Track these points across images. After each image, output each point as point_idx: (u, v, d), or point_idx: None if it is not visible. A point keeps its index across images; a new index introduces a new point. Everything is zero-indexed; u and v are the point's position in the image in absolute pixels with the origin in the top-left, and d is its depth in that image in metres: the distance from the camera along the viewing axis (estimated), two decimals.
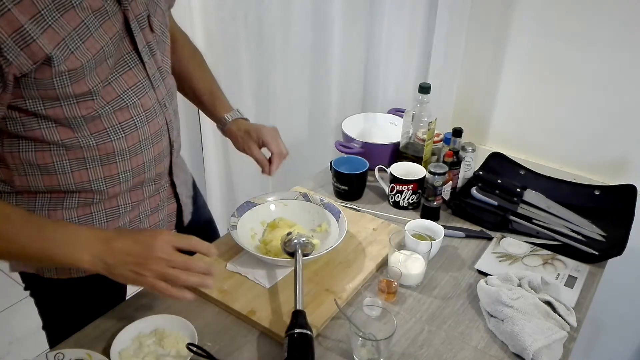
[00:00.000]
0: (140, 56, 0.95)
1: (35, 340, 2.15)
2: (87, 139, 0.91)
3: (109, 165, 0.96)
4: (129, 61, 0.94)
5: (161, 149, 1.04)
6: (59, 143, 0.90)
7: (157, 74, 1.00)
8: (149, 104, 0.98)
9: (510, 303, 1.02)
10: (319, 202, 1.31)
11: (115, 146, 0.94)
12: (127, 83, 0.93)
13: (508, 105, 1.74)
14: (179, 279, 0.86)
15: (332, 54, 1.87)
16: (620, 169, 1.59)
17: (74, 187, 0.95)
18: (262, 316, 1.05)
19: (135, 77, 0.95)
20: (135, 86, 0.95)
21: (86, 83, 0.86)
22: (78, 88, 0.85)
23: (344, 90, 1.96)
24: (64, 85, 0.83)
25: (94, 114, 0.90)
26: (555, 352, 0.98)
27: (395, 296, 1.13)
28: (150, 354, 0.96)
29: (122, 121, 0.94)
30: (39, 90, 0.83)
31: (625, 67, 1.49)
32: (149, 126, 0.99)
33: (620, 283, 1.55)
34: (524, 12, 1.60)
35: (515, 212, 1.37)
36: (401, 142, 1.53)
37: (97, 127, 0.91)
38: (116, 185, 0.99)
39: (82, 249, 0.84)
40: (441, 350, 1.01)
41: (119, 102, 0.92)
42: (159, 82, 1.00)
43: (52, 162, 0.92)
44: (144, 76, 0.96)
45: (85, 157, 0.93)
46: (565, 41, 1.55)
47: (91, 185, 0.96)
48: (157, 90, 1.00)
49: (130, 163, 0.98)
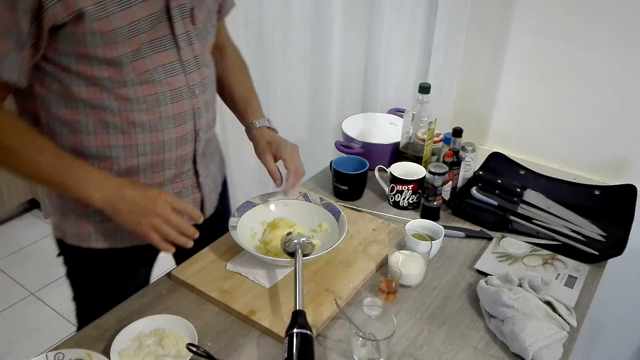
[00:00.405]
0: (176, 41, 1.00)
1: (36, 340, 2.15)
2: (112, 103, 0.97)
3: (129, 135, 1.00)
4: (165, 43, 0.99)
5: (184, 133, 1.06)
6: (85, 101, 0.96)
7: (191, 62, 1.04)
8: (176, 85, 1.02)
9: (511, 303, 1.02)
10: (319, 202, 1.31)
11: (136, 117, 0.99)
12: (159, 61, 0.98)
13: (508, 105, 1.74)
14: (169, 235, 0.99)
15: (332, 54, 1.87)
16: (620, 169, 1.59)
17: (95, 151, 1.01)
18: (262, 316, 1.05)
19: (168, 58, 1.00)
20: (166, 66, 1.00)
21: (117, 49, 0.91)
22: (109, 52, 0.91)
23: (344, 90, 1.96)
24: (95, 46, 0.89)
25: (121, 80, 0.95)
26: (555, 352, 0.98)
27: (395, 296, 1.13)
28: (150, 354, 0.96)
29: (147, 94, 0.98)
30: (74, 45, 0.89)
31: (625, 67, 1.49)
32: (173, 106, 1.02)
33: (620, 283, 1.55)
34: (524, 12, 1.60)
35: (515, 212, 1.37)
36: (401, 142, 1.54)
37: (122, 95, 0.96)
38: (134, 157, 1.03)
39: (96, 189, 0.95)
40: (441, 350, 1.01)
41: (146, 76, 0.97)
42: (193, 70, 1.04)
43: (79, 121, 0.98)
44: (176, 59, 1.01)
45: (108, 122, 0.98)
46: (565, 41, 1.55)
47: (111, 152, 1.01)
48: (188, 75, 1.04)
49: (150, 138, 1.02)
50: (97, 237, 1.10)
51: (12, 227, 2.82)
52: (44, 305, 2.33)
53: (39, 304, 2.34)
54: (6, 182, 2.67)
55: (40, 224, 2.84)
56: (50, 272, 2.50)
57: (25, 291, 2.40)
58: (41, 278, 2.46)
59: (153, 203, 0.98)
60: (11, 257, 2.61)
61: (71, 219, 1.09)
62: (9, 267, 2.54)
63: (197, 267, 1.17)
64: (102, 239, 1.11)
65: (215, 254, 1.21)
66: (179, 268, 1.17)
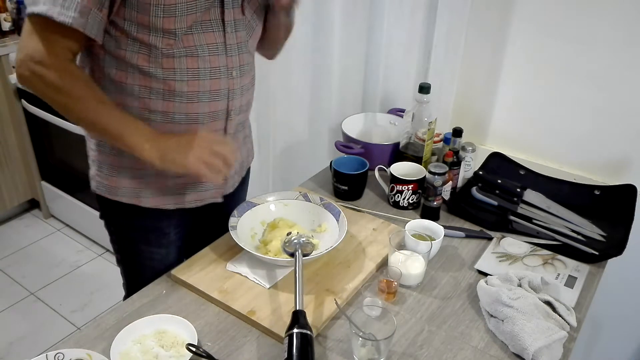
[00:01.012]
0: (224, 26, 1.10)
1: (36, 340, 2.15)
2: (158, 71, 1.06)
3: (168, 102, 1.09)
4: (214, 26, 1.09)
5: (217, 109, 1.15)
6: (135, 67, 1.05)
7: (234, 46, 1.13)
8: (216, 63, 1.11)
9: (510, 303, 1.02)
10: (319, 202, 1.31)
11: (177, 86, 1.08)
12: (205, 39, 1.08)
13: (508, 105, 1.74)
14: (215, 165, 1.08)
15: (332, 54, 1.87)
16: (620, 169, 1.59)
17: (136, 112, 1.10)
18: (262, 316, 1.05)
19: (214, 39, 1.09)
20: (211, 45, 1.09)
21: (174, 23, 1.01)
22: (167, 24, 1.01)
23: (344, 90, 1.96)
24: (157, 16, 1.00)
25: (170, 51, 1.05)
26: (555, 352, 0.98)
27: (395, 296, 1.13)
28: (150, 354, 0.96)
29: (190, 68, 1.08)
30: (138, 13, 0.99)
31: (626, 66, 1.49)
32: (211, 83, 1.11)
33: (620, 283, 1.55)
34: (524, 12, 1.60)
35: (515, 212, 1.37)
36: (401, 142, 1.54)
37: (169, 64, 1.06)
38: (169, 123, 1.11)
39: (146, 141, 1.05)
40: (441, 350, 1.01)
41: (192, 50, 1.07)
42: (234, 53, 1.14)
43: (126, 83, 1.08)
44: (221, 41, 1.10)
45: (152, 88, 1.08)
46: (565, 41, 1.55)
47: (150, 115, 1.10)
48: (229, 58, 1.13)
49: (186, 107, 1.11)
50: (124, 192, 1.19)
51: (12, 227, 2.82)
52: (44, 305, 2.33)
53: (39, 304, 2.34)
54: (6, 182, 2.67)
55: (40, 224, 2.84)
56: (50, 272, 2.50)
57: (25, 291, 2.40)
58: (41, 278, 2.46)
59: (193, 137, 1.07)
60: (11, 257, 2.61)
61: (104, 171, 1.19)
62: (9, 267, 2.54)
63: (197, 267, 1.17)
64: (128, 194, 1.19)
65: (215, 254, 1.21)
66: (179, 268, 1.18)
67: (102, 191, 1.21)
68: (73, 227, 2.78)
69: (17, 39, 2.51)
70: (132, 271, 1.34)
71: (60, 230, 2.79)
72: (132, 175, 1.17)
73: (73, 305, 2.30)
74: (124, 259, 1.34)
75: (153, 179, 1.18)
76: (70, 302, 2.32)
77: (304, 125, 2.05)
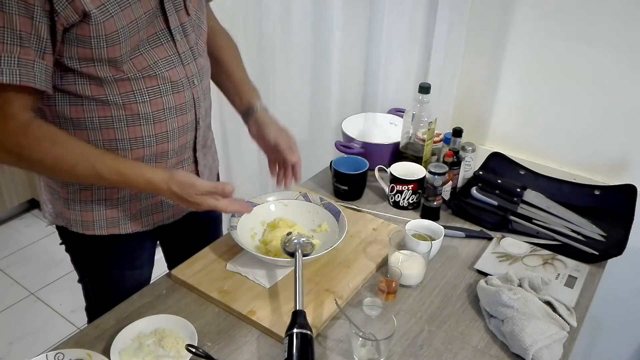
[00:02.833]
0: (172, 35, 1.03)
1: (36, 340, 2.15)
2: (116, 97, 0.99)
3: (134, 127, 1.03)
4: (162, 37, 1.02)
5: (186, 122, 1.10)
6: (90, 98, 0.99)
7: (188, 53, 1.07)
8: (176, 77, 1.05)
9: (511, 303, 1.02)
10: (319, 202, 1.31)
11: (140, 109, 1.02)
12: (157, 55, 1.02)
13: (508, 105, 1.74)
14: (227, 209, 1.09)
15: (332, 54, 1.87)
16: (620, 169, 1.59)
17: (101, 145, 1.04)
18: (262, 316, 1.05)
19: (166, 52, 1.03)
20: (164, 59, 1.03)
21: (120, 49, 0.95)
22: (112, 52, 0.94)
23: (344, 90, 1.96)
24: (100, 47, 0.93)
25: (124, 76, 0.98)
26: (555, 352, 0.98)
27: (395, 296, 1.13)
28: (150, 354, 0.96)
29: (149, 87, 1.02)
30: (79, 47, 0.92)
31: (626, 66, 1.49)
32: (174, 97, 1.06)
33: (620, 283, 1.55)
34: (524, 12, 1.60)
35: (515, 212, 1.37)
36: (401, 142, 1.53)
37: (126, 88, 1.00)
38: (140, 149, 1.06)
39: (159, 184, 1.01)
40: (441, 350, 1.01)
41: (148, 70, 1.01)
42: (190, 60, 1.08)
43: (84, 118, 1.01)
44: (173, 52, 1.04)
45: (113, 116, 1.01)
46: (565, 41, 1.55)
47: (117, 145, 1.04)
48: (187, 67, 1.07)
49: (154, 129, 1.05)
50: (101, 225, 1.14)
51: (12, 227, 2.82)
52: (44, 305, 2.33)
53: (39, 304, 2.34)
54: (6, 182, 2.67)
55: (40, 224, 2.84)
56: (50, 272, 2.50)
57: (25, 291, 2.40)
58: (41, 278, 2.46)
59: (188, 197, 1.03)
60: (11, 257, 2.61)
61: (75, 208, 1.13)
62: (9, 267, 2.54)
63: (197, 267, 1.17)
64: (105, 227, 1.15)
65: (215, 254, 1.21)
66: (179, 268, 1.17)
67: (75, 228, 1.15)
68: None
69: None
70: (98, 291, 1.28)
71: None
72: (108, 205, 1.12)
73: (73, 305, 2.30)
74: (90, 280, 1.28)
75: (129, 204, 1.14)
76: (70, 302, 2.32)
77: (304, 126, 2.05)
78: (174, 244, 1.37)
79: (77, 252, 1.23)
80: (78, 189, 1.10)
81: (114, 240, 1.17)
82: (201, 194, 1.03)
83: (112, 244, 1.18)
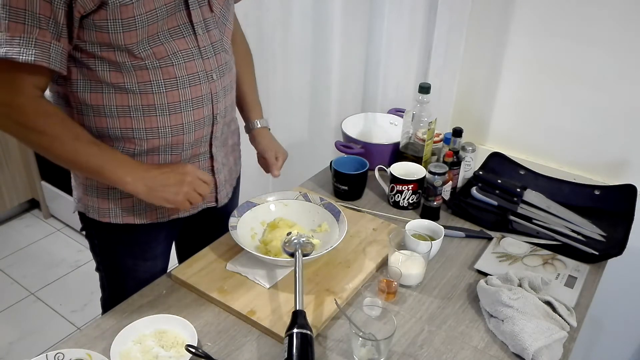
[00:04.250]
0: (194, 29, 1.05)
1: (36, 340, 2.15)
2: (133, 86, 1.02)
3: (149, 117, 1.06)
4: (184, 30, 1.04)
5: (202, 116, 1.12)
6: (109, 85, 1.02)
7: (209, 47, 1.09)
8: (194, 69, 1.07)
9: (510, 303, 1.02)
10: (319, 202, 1.31)
11: (156, 99, 1.05)
12: (177, 47, 1.04)
13: (508, 105, 1.73)
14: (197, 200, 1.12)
15: (332, 54, 1.87)
16: (620, 169, 1.59)
17: (119, 133, 1.07)
18: (262, 316, 1.05)
19: (186, 44, 1.05)
20: (184, 51, 1.05)
21: (136, 35, 0.97)
22: (128, 38, 0.97)
23: (344, 90, 1.96)
24: (116, 32, 0.95)
25: (142, 64, 1.01)
26: (555, 352, 0.98)
27: (395, 296, 1.13)
28: (150, 354, 0.96)
29: (166, 78, 1.04)
30: (97, 32, 0.96)
31: (626, 66, 1.49)
32: (191, 90, 1.08)
33: (620, 283, 1.55)
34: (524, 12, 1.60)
35: (515, 212, 1.37)
36: (401, 142, 1.53)
37: (144, 78, 1.03)
38: (155, 139, 1.09)
39: (127, 174, 1.04)
40: (441, 350, 1.01)
41: (166, 60, 1.03)
42: (210, 55, 1.10)
43: (103, 105, 1.04)
44: (194, 45, 1.06)
45: (130, 105, 1.04)
46: (566, 41, 1.55)
47: (133, 134, 1.07)
48: (206, 61, 1.09)
49: (170, 120, 1.08)
50: (116, 213, 1.17)
51: (12, 227, 2.82)
52: (44, 305, 2.33)
53: (39, 304, 2.34)
54: (6, 182, 2.67)
55: (40, 224, 2.84)
56: (50, 272, 2.50)
57: (25, 291, 2.40)
58: (41, 278, 2.46)
59: (183, 175, 1.09)
60: (11, 257, 2.61)
61: (92, 194, 1.16)
62: (9, 267, 2.54)
63: (197, 267, 1.17)
64: (120, 215, 1.17)
65: (215, 254, 1.21)
66: (179, 268, 1.17)
67: (92, 214, 1.18)
68: (73, 227, 2.78)
69: None
70: (113, 280, 1.31)
71: (60, 230, 2.79)
72: (124, 194, 1.15)
73: (73, 305, 2.30)
74: (105, 268, 1.31)
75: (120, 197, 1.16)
76: (70, 302, 2.32)
77: (304, 126, 2.05)
78: (189, 238, 1.37)
79: (93, 238, 1.26)
80: None
81: (129, 230, 1.19)
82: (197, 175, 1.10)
83: (127, 233, 1.21)
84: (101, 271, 1.32)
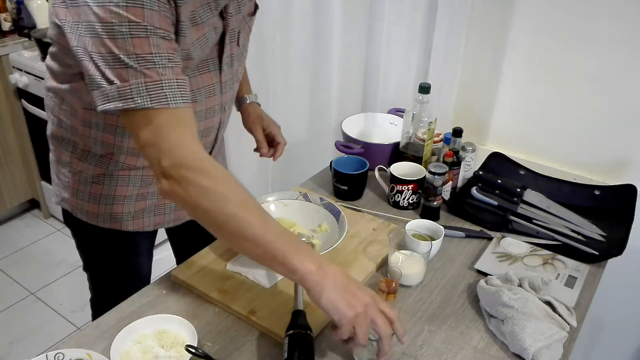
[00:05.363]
0: (220, 64, 1.06)
1: (36, 340, 2.15)
2: None
3: None
4: (210, 65, 1.04)
5: (205, 143, 1.15)
6: None
7: (229, 82, 1.11)
8: (212, 104, 1.08)
9: (511, 303, 1.02)
10: (319, 202, 1.31)
11: None
12: (202, 82, 1.04)
13: (508, 105, 1.74)
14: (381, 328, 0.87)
15: (332, 54, 1.87)
16: (620, 169, 1.59)
17: (125, 150, 1.08)
18: (262, 316, 1.05)
19: (210, 80, 1.05)
20: (207, 87, 1.05)
21: None
22: None
23: (344, 90, 1.96)
24: None
25: None
26: (555, 352, 0.98)
27: (395, 296, 1.13)
28: (150, 354, 0.96)
29: None
30: None
31: (626, 66, 1.49)
32: (205, 123, 1.09)
33: (620, 283, 1.55)
34: (524, 12, 1.60)
35: (515, 212, 1.37)
36: (401, 142, 1.53)
37: None
38: None
39: (308, 260, 0.87)
40: (441, 350, 1.01)
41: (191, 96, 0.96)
42: (228, 89, 1.11)
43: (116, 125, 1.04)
44: (217, 81, 1.07)
45: None
46: (566, 41, 1.55)
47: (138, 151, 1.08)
48: (224, 95, 1.10)
49: None
50: (105, 219, 1.17)
51: (12, 227, 2.82)
52: (44, 305, 2.33)
53: (39, 304, 2.34)
54: (6, 182, 2.67)
55: (40, 224, 2.84)
56: (50, 272, 2.50)
57: (25, 291, 2.40)
58: (41, 278, 2.46)
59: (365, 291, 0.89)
60: (11, 257, 2.61)
61: (84, 199, 1.16)
62: (9, 267, 2.54)
63: (197, 267, 1.17)
64: (109, 221, 1.18)
65: (215, 254, 1.21)
66: (179, 268, 1.17)
67: (79, 216, 1.19)
68: None
69: (17, 39, 2.50)
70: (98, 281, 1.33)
71: (60, 230, 2.79)
72: (115, 201, 1.15)
73: (73, 305, 2.30)
74: (90, 267, 1.33)
75: (134, 202, 1.17)
76: (70, 302, 2.32)
77: (304, 126, 2.06)
78: (188, 239, 1.38)
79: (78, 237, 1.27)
80: (90, 182, 1.13)
81: (115, 235, 1.20)
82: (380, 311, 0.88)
83: (113, 237, 1.22)
84: (87, 270, 1.33)
